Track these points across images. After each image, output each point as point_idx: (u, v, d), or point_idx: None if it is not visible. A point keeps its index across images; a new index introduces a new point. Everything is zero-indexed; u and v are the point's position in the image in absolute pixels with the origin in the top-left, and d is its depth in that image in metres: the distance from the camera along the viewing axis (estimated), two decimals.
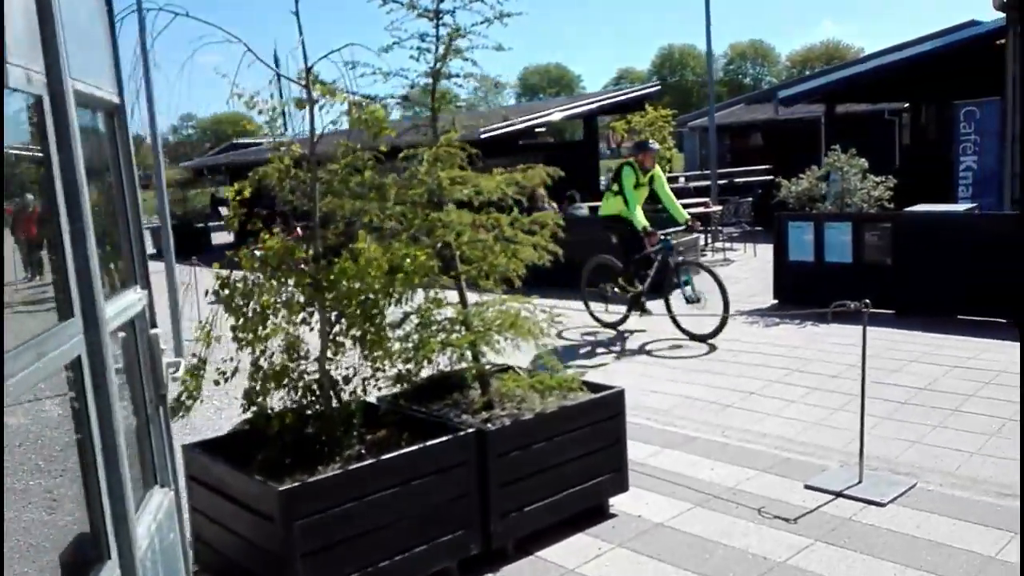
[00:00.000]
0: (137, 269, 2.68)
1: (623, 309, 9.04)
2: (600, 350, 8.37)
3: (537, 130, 20.26)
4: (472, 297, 4.41)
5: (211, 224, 27.85)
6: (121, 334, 2.66)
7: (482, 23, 4.18)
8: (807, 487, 4.61)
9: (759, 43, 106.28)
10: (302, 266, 3.59)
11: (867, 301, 4.64)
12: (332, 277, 3.52)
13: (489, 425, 3.84)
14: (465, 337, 4.06)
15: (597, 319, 9.27)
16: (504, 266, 4.21)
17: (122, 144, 2.63)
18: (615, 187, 8.80)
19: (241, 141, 34.42)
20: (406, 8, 4.14)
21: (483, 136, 14.71)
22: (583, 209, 12.75)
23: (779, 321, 8.85)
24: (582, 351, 8.39)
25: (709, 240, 14.90)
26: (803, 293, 9.49)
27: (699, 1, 15.25)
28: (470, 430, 3.70)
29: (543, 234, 4.32)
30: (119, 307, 2.37)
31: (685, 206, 15.69)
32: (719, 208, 14.35)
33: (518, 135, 15.70)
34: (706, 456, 5.22)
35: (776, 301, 9.76)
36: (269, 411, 3.63)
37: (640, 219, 8.42)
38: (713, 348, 7.93)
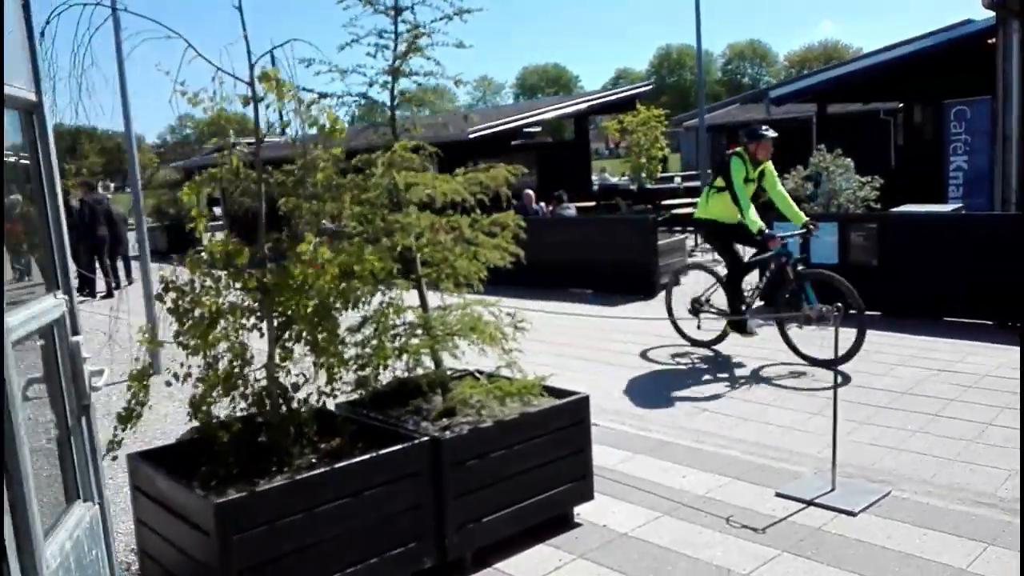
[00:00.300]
0: (58, 274, 2.57)
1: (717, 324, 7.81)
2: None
3: (532, 130, 20.18)
4: (447, 299, 4.30)
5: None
6: (40, 342, 2.55)
7: (441, 19, 4.06)
8: (778, 495, 4.50)
9: (757, 43, 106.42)
10: (250, 270, 3.47)
11: (838, 305, 4.52)
12: (278, 282, 3.41)
13: (446, 433, 3.73)
14: (422, 343, 3.95)
15: (687, 336, 8.01)
16: (465, 269, 4.09)
17: (41, 144, 2.52)
18: (718, 182, 7.45)
19: (233, 141, 34.35)
20: (363, 4, 4.02)
21: (471, 136, 14.61)
22: (571, 209, 12.66)
23: (762, 323, 8.73)
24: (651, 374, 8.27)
25: (700, 241, 14.80)
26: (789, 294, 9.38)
27: (695, 1, 15.14)
28: (424, 439, 3.59)
29: (504, 236, 4.20)
30: (29, 314, 2.26)
31: (676, 206, 15.67)
32: None
33: (508, 135, 15.60)
34: (679, 462, 5.10)
35: (763, 302, 9.63)
36: (217, 419, 3.52)
37: (755, 219, 7.09)
38: (846, 379, 6.57)
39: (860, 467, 4.88)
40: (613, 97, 17.64)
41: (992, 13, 11.27)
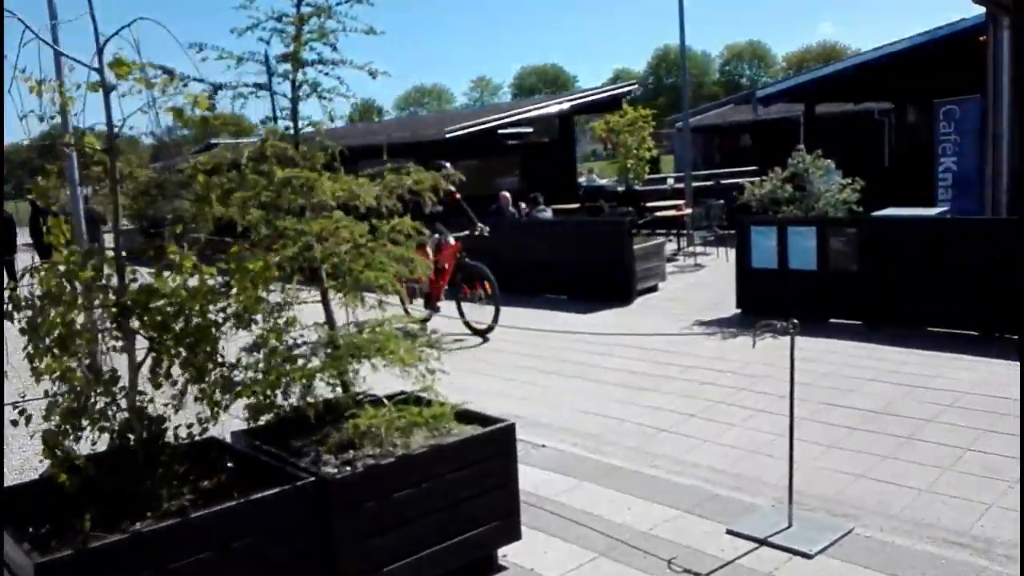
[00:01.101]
0: None
1: None
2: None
3: (524, 130, 19.70)
4: (368, 314, 3.86)
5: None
6: None
7: (346, 2, 3.62)
8: (729, 532, 4.06)
9: (756, 44, 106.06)
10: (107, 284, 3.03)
11: (795, 321, 4.07)
12: (136, 298, 2.97)
13: (346, 469, 3.28)
14: (319, 365, 3.51)
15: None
16: (373, 280, 3.65)
17: None
18: None
19: (216, 141, 33.89)
20: None
21: (448, 136, 14.17)
22: (547, 212, 12.21)
23: (737, 333, 8.29)
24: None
25: (684, 244, 14.36)
26: (767, 302, 8.95)
27: (695, 2, 14.71)
28: (308, 479, 3.14)
29: (408, 245, 3.76)
30: None
31: (662, 208, 15.21)
32: (688, 211, 13.80)
33: (486, 135, 15.15)
34: (627, 491, 4.66)
35: (739, 311, 9.21)
36: (73, 455, 3.07)
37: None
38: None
39: (823, 498, 4.44)
40: (597, 96, 17.17)
41: (983, 9, 10.83)
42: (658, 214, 14.12)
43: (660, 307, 9.97)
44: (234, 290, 3.16)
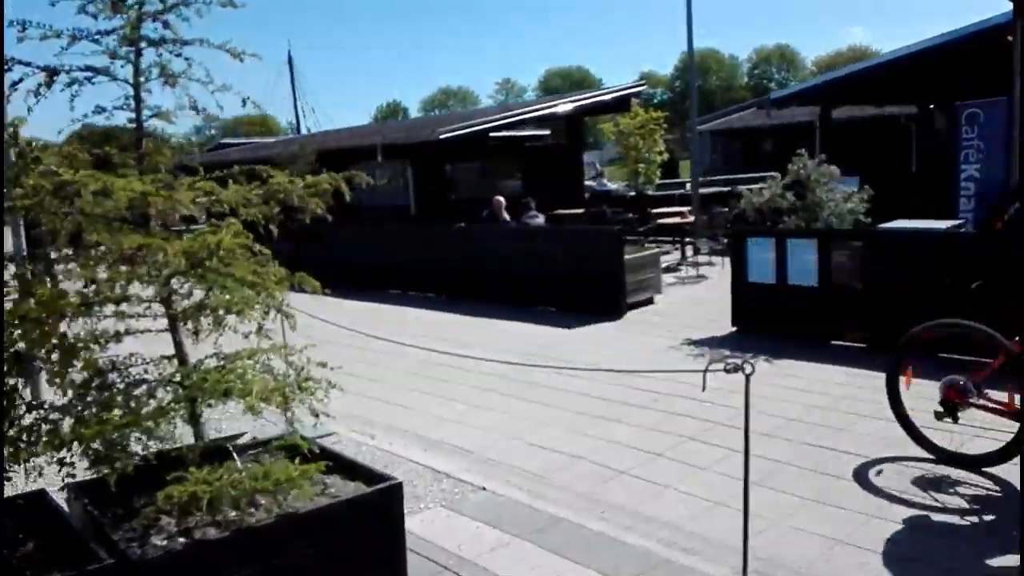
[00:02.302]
0: None
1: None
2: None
3: (540, 133, 19.01)
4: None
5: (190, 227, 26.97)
6: None
7: None
8: None
9: (785, 47, 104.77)
10: None
11: (752, 364, 3.36)
12: None
13: (163, 546, 2.64)
14: (149, 411, 2.86)
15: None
16: (224, 303, 3.00)
17: None
18: None
19: (228, 141, 33.50)
20: None
21: (442, 137, 13.53)
22: (539, 218, 11.52)
23: (728, 355, 7.54)
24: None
25: (690, 254, 13.59)
26: (764, 320, 8.22)
27: (722, 5, 14.01)
28: (107, 561, 2.49)
29: (260, 260, 3.10)
30: None
31: (663, 215, 14.47)
32: (691, 219, 13.03)
33: (483, 136, 14.48)
34: (562, 553, 3.96)
35: (734, 328, 8.46)
36: None
37: None
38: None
39: (793, 569, 3.71)
40: (603, 97, 16.43)
41: (1010, 5, 9.97)
42: (660, 221, 13.38)
43: (651, 322, 9.24)
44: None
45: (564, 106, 15.47)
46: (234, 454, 3.08)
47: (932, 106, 18.74)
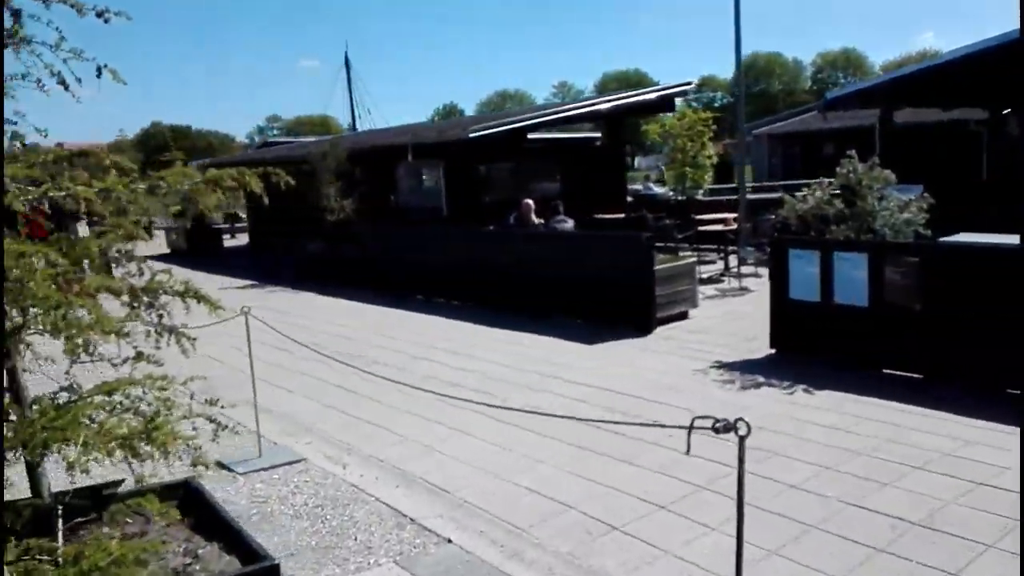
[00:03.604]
0: None
1: None
2: None
3: (592, 135, 18.19)
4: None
5: (235, 226, 26.87)
6: None
7: None
8: None
9: (851, 51, 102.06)
10: None
11: (747, 423, 2.56)
12: None
13: None
14: None
15: None
16: (63, 326, 2.33)
17: None
18: None
19: (274, 140, 33.45)
20: None
21: (471, 136, 12.83)
22: (567, 223, 10.72)
23: (763, 382, 6.67)
24: None
25: (734, 264, 12.63)
26: (806, 342, 7.32)
27: (783, 9, 13.06)
28: None
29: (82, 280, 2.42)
30: None
31: (707, 221, 13.54)
32: (734, 227, 12.08)
33: (517, 135, 13.72)
34: None
35: (773, 351, 7.57)
36: None
37: None
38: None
39: None
40: (646, 96, 15.52)
41: None
42: (701, 228, 12.46)
43: (680, 340, 8.39)
44: None
45: (604, 105, 14.62)
46: (59, 521, 2.39)
47: (1007, 110, 17.41)
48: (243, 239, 24.41)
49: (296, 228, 15.63)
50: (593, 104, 15.02)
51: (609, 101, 14.89)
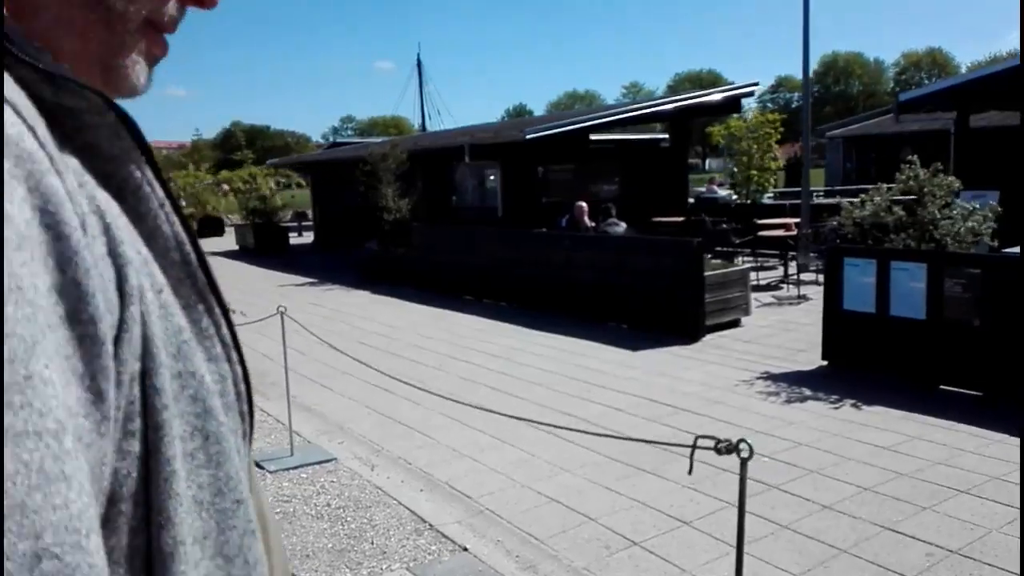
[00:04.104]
0: None
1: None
2: None
3: (659, 136, 17.97)
4: None
5: (302, 224, 27.41)
6: None
7: None
8: None
9: (936, 51, 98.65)
10: None
11: (749, 444, 2.43)
12: None
13: None
14: None
15: None
16: None
17: None
18: None
19: (343, 141, 33.99)
20: None
21: (529, 137, 12.78)
22: (620, 226, 10.56)
23: (809, 396, 6.43)
24: None
25: (793, 271, 12.28)
26: (859, 355, 7.04)
27: (866, 8, 12.66)
28: None
29: None
30: None
31: (766, 227, 13.20)
32: (793, 233, 11.71)
33: (577, 136, 13.61)
34: None
35: (825, 363, 7.29)
36: None
37: None
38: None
39: None
40: (710, 97, 15.17)
41: None
42: (761, 233, 12.14)
43: (729, 349, 8.16)
44: None
45: (666, 106, 14.38)
46: None
47: None
48: (310, 237, 24.89)
49: (359, 228, 15.84)
50: (656, 105, 14.80)
51: (672, 102, 14.65)
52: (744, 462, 2.43)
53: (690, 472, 2.84)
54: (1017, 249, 6.65)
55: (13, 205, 0.42)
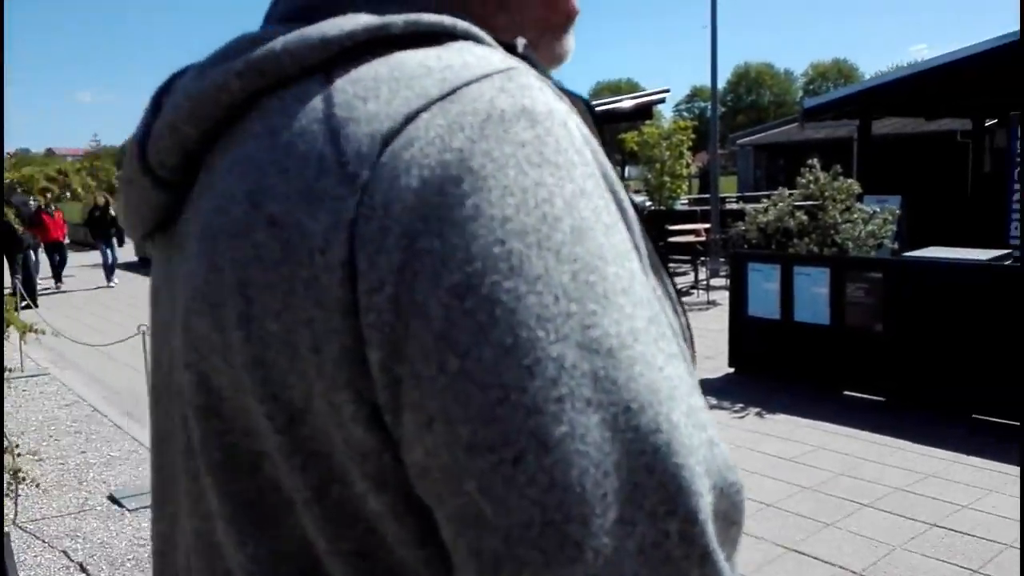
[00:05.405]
0: None
1: None
2: None
3: None
4: None
5: None
6: None
7: None
8: None
9: (843, 62, 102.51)
10: None
11: None
12: None
13: None
14: None
15: None
16: None
17: None
18: None
19: None
20: None
21: None
22: None
23: (714, 405, 6.26)
24: None
25: (703, 277, 12.26)
26: (765, 362, 6.93)
27: (775, 21, 12.74)
28: None
29: None
30: None
31: (677, 232, 13.17)
32: (703, 239, 11.70)
33: None
34: None
35: (731, 370, 7.17)
36: None
37: None
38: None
39: None
40: (621, 104, 15.09)
41: None
42: (672, 239, 12.08)
43: None
44: None
45: None
46: None
47: (991, 121, 17.10)
48: None
49: None
50: None
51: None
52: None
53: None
54: (921, 252, 6.64)
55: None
